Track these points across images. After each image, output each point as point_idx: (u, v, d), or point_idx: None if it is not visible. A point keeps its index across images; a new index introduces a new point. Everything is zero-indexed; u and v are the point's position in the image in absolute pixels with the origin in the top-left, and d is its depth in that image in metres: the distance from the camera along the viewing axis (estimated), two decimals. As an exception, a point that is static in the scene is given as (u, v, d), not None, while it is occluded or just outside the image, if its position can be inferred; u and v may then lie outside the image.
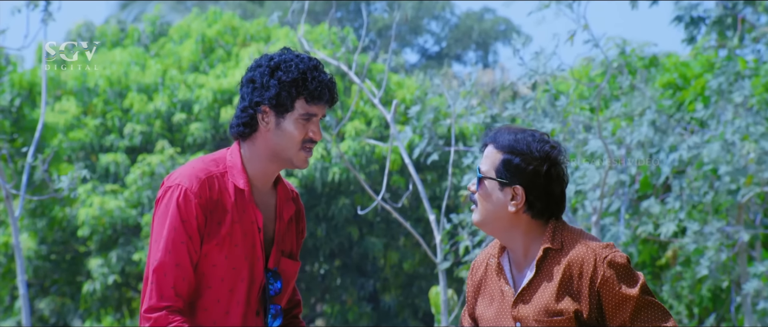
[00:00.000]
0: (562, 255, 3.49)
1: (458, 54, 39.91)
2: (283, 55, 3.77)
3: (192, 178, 3.73)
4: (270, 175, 3.83)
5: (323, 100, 3.78)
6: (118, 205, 20.07)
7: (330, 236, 22.61)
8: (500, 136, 3.55)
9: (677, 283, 13.18)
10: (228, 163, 3.80)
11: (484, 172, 3.55)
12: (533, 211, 3.52)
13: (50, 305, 21.82)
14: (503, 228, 3.55)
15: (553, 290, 3.48)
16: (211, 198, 3.72)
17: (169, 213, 3.69)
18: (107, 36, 24.32)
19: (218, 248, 3.72)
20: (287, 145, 3.76)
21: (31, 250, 20.74)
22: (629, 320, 3.45)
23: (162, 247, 3.67)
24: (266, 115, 3.75)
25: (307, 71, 3.74)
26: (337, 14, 34.78)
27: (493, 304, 3.60)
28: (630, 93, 10.69)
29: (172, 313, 3.64)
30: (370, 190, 9.73)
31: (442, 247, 9.67)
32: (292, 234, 3.92)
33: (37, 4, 8.98)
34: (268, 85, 3.72)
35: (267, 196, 3.85)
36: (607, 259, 3.46)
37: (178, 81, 22.24)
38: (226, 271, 3.73)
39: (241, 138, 3.80)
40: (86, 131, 21.56)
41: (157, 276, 3.65)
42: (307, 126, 3.78)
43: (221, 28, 23.10)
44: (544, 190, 3.51)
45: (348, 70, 10.23)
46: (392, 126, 9.87)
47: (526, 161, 3.49)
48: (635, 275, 3.48)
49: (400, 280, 23.51)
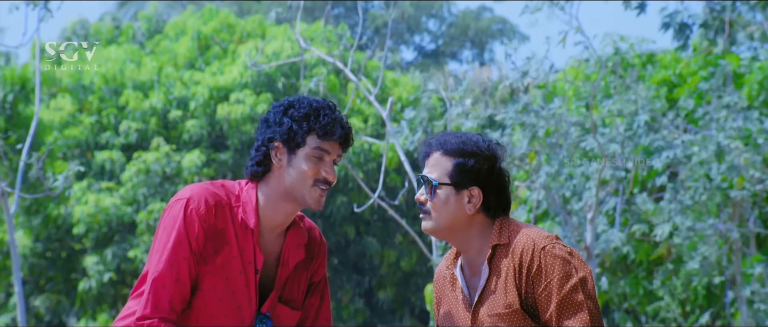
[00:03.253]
0: (509, 249, 3.51)
1: (454, 52, 39.93)
2: (298, 97, 3.78)
3: (201, 199, 3.71)
4: (283, 217, 3.78)
5: (335, 137, 3.73)
6: (113, 202, 20.06)
7: (326, 234, 22.62)
8: (445, 142, 3.57)
9: (669, 281, 13.20)
10: (243, 198, 3.77)
11: (438, 178, 3.55)
12: (488, 211, 3.55)
13: (46, 303, 21.81)
14: (459, 231, 3.57)
15: (502, 285, 3.49)
16: (215, 225, 3.71)
17: (175, 226, 3.68)
18: (102, 33, 24.29)
19: (209, 276, 3.71)
20: (299, 182, 3.71)
21: (27, 248, 20.73)
22: (556, 318, 3.44)
23: (165, 258, 3.66)
24: (279, 151, 3.73)
25: (319, 108, 3.72)
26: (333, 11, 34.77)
27: (451, 314, 3.62)
28: (623, 92, 10.70)
29: (164, 322, 3.63)
30: (366, 188, 9.74)
31: (438, 244, 9.68)
32: (297, 281, 3.87)
33: (36, 3, 8.98)
34: (281, 122, 3.72)
35: (274, 240, 3.82)
36: (544, 248, 3.46)
37: (173, 78, 22.23)
38: (211, 300, 3.72)
39: (256, 178, 3.77)
40: (82, 129, 21.55)
41: (155, 287, 3.65)
42: (319, 164, 3.72)
43: (217, 25, 23.09)
44: (497, 188, 3.55)
45: (344, 67, 10.23)
46: (388, 123, 9.87)
47: (479, 162, 3.52)
48: (571, 270, 3.45)
49: (396, 278, 23.52)
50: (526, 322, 3.47)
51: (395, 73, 24.13)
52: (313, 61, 21.21)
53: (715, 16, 13.09)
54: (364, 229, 23.05)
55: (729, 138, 10.86)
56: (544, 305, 3.45)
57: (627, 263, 13.86)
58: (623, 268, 14.04)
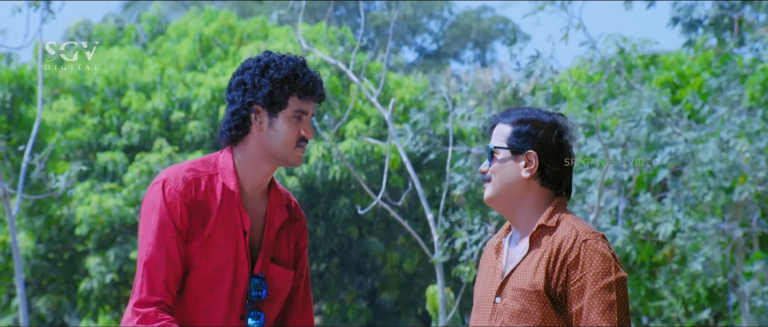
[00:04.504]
0: (553, 233, 3.51)
1: (456, 52, 39.91)
2: (270, 56, 3.78)
3: (178, 178, 3.74)
4: (262, 177, 3.82)
5: (315, 96, 3.78)
6: (116, 203, 20.06)
7: (329, 235, 22.60)
8: (507, 114, 3.62)
9: (673, 281, 13.18)
10: (220, 165, 3.79)
11: (496, 145, 3.58)
12: (544, 180, 3.55)
13: (48, 304, 21.81)
14: (514, 198, 3.57)
15: (534, 266, 3.48)
16: (196, 198, 3.72)
17: (156, 208, 3.70)
18: (105, 35, 24.30)
19: (201, 250, 3.71)
20: (282, 144, 3.75)
21: (29, 249, 20.72)
22: (586, 311, 3.42)
23: (152, 241, 3.68)
24: (259, 114, 3.75)
25: (297, 68, 3.75)
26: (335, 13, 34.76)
27: (485, 280, 3.63)
28: (628, 92, 10.70)
29: (161, 311, 3.63)
30: (369, 189, 9.73)
31: (440, 245, 9.67)
32: (285, 242, 3.89)
33: (39, 4, 8.98)
34: (260, 85, 3.73)
35: (257, 202, 3.84)
36: (586, 241, 3.45)
37: (176, 79, 22.23)
38: (207, 272, 3.72)
39: (233, 142, 3.79)
40: (84, 130, 21.56)
41: (148, 270, 3.66)
42: (299, 124, 3.77)
43: (218, 26, 23.09)
44: (556, 157, 3.55)
45: (346, 68, 10.22)
46: (390, 125, 9.87)
47: (536, 127, 3.54)
48: (610, 268, 3.43)
49: (398, 279, 23.52)
50: (545, 307, 3.44)
51: (397, 74, 24.12)
52: (315, 62, 21.21)
53: (724, 14, 13.09)
54: (367, 230, 23.04)
55: (731, 134, 10.84)
56: (575, 298, 3.43)
57: (629, 264, 13.85)
58: (625, 269, 14.03)
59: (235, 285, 3.75)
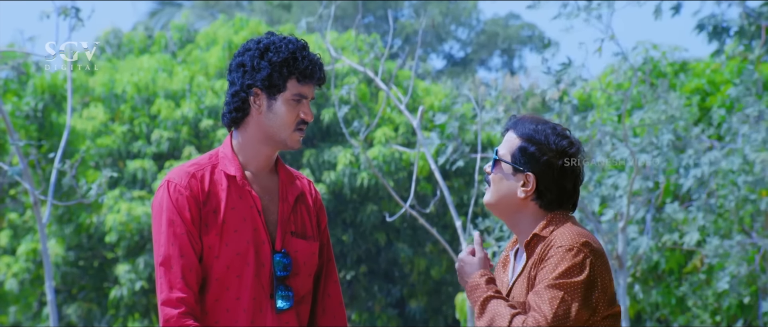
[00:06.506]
0: (545, 241, 3.51)
1: (483, 59, 39.87)
2: (270, 38, 3.78)
3: (181, 174, 3.77)
4: (265, 159, 3.83)
5: (314, 79, 3.78)
6: (145, 211, 20.15)
7: (357, 242, 22.61)
8: (522, 123, 3.61)
9: (701, 291, 13.11)
10: (220, 154, 3.83)
11: (501, 155, 3.60)
12: (542, 201, 3.56)
13: (78, 311, 21.92)
14: (510, 212, 3.60)
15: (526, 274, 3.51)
16: (202, 189, 3.75)
17: (163, 209, 3.73)
18: (135, 43, 24.42)
19: (218, 238, 3.74)
20: (281, 127, 3.77)
21: (59, 257, 20.84)
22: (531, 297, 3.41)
23: (164, 241, 3.71)
24: (258, 97, 3.76)
25: (296, 51, 3.75)
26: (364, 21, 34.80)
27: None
28: (654, 102, 10.66)
29: (184, 316, 3.65)
30: (397, 197, 9.73)
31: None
32: (303, 215, 3.89)
33: (68, 12, 9.02)
34: (259, 67, 3.74)
35: (267, 180, 3.85)
36: (561, 246, 3.45)
37: (205, 87, 22.31)
38: (230, 258, 3.74)
39: (234, 125, 3.81)
40: (114, 138, 21.66)
41: (164, 269, 3.69)
42: (298, 107, 3.77)
43: (247, 34, 23.16)
44: (556, 183, 3.54)
45: (374, 76, 10.23)
46: (418, 132, 9.87)
47: (541, 151, 3.53)
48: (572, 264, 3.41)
49: (427, 287, 23.49)
50: None
51: (426, 82, 24.11)
52: (344, 70, 21.24)
53: (751, 22, 13.01)
54: (395, 236, 23.04)
55: (754, 150, 10.79)
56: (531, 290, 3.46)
57: (658, 273, 13.79)
58: (655, 278, 13.96)
59: (259, 264, 3.76)
